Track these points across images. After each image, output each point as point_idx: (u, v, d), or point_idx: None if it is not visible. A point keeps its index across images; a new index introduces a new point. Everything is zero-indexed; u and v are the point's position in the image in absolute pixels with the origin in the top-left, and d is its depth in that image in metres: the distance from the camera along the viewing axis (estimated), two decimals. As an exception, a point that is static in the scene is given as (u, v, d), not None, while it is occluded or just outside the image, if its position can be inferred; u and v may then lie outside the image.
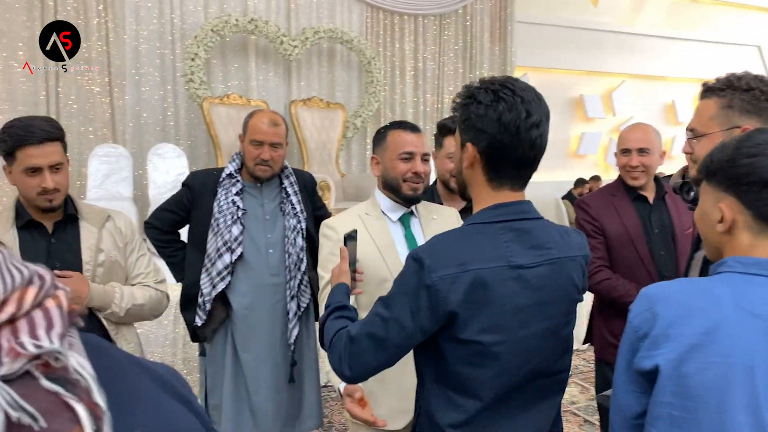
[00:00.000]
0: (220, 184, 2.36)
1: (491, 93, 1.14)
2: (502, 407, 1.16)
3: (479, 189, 1.21)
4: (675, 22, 9.54)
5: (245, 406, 2.39)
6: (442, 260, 1.11)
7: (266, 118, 2.35)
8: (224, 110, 5.74)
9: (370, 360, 1.17)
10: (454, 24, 7.24)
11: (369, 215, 1.84)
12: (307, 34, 6.15)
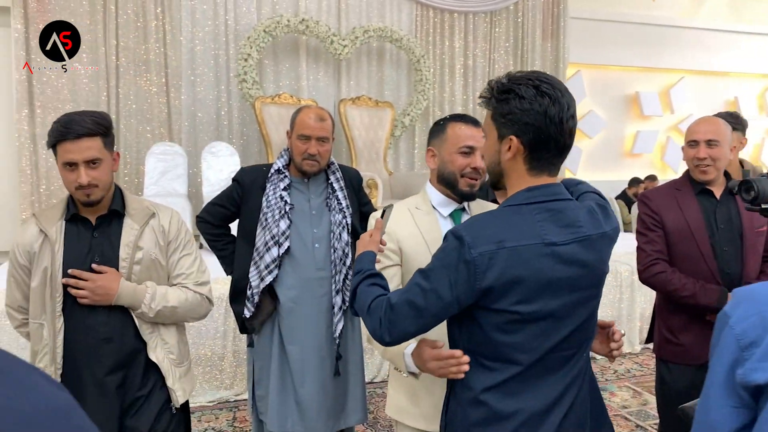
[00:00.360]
0: (268, 180, 2.41)
1: (532, 88, 1.25)
2: (533, 371, 1.25)
3: (518, 178, 1.31)
4: (738, 15, 9.14)
5: (291, 399, 2.43)
6: (481, 238, 1.21)
7: (313, 113, 2.39)
8: (275, 109, 5.84)
9: (409, 326, 1.26)
10: (505, 21, 7.16)
11: (419, 209, 1.78)
12: (356, 33, 6.19)
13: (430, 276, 1.25)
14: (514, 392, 1.25)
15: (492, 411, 1.25)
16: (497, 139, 1.31)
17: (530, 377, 1.26)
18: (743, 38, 9.27)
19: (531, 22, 7.21)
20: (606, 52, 8.26)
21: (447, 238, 1.26)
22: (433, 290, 1.23)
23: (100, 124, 1.74)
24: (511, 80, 1.28)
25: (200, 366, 3.65)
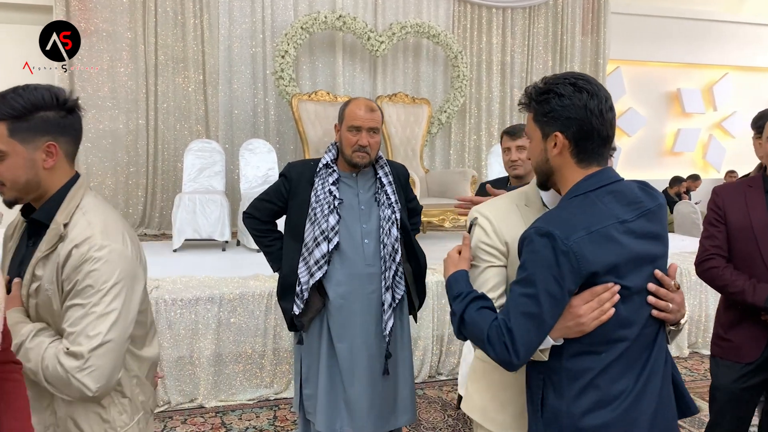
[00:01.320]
0: (317, 174, 2.36)
1: (570, 85, 1.34)
2: (633, 349, 1.32)
3: (570, 172, 1.38)
4: (785, 9, 8.83)
5: (340, 398, 2.38)
6: (567, 228, 1.26)
7: (363, 104, 2.34)
8: (312, 106, 5.81)
9: (533, 339, 1.27)
10: (544, 16, 7.02)
11: (528, 207, 1.56)
12: (393, 29, 6.13)
13: (533, 281, 1.26)
14: (620, 372, 1.30)
15: (602, 394, 1.30)
16: (542, 139, 1.40)
17: (630, 356, 1.32)
18: (790, 33, 8.97)
19: (570, 18, 7.06)
20: (646, 48, 8.06)
21: (530, 241, 1.28)
22: (542, 292, 1.25)
23: (12, 107, 1.30)
24: (548, 82, 1.38)
25: (241, 363, 3.62)
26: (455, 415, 3.51)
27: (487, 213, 1.57)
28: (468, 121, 6.80)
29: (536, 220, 1.34)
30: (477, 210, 1.62)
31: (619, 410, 1.30)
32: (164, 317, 3.45)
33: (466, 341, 1.73)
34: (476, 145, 6.85)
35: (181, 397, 3.52)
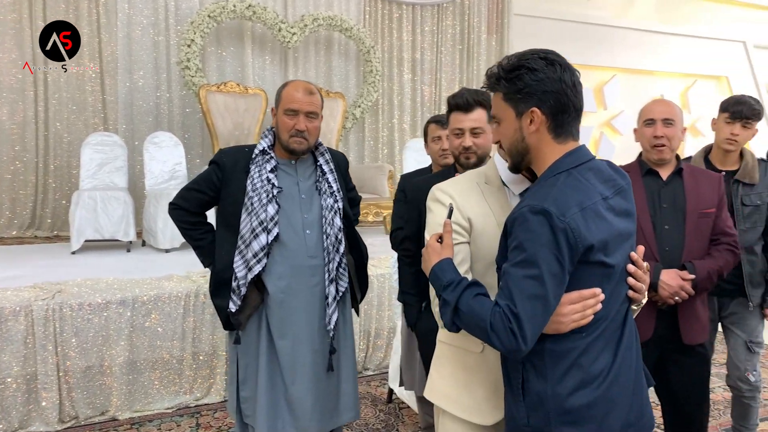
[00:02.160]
0: (252, 161, 2.22)
1: (541, 60, 1.33)
2: (611, 327, 1.34)
3: (547, 148, 1.35)
4: (664, 17, 9.58)
5: (281, 398, 2.25)
6: (562, 204, 1.24)
7: (301, 86, 2.22)
8: (221, 98, 5.55)
9: (541, 321, 1.24)
10: (452, 15, 7.15)
11: (488, 184, 1.58)
12: (306, 21, 5.99)
13: (534, 261, 1.22)
14: (599, 350, 1.31)
15: (585, 373, 1.30)
16: (516, 118, 1.36)
17: (608, 333, 1.34)
18: (668, 39, 9.71)
19: (476, 17, 7.24)
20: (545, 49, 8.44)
21: (524, 219, 1.24)
22: (546, 273, 1.22)
23: None
24: (517, 58, 1.35)
25: (157, 370, 3.37)
26: (386, 410, 3.46)
27: (449, 191, 1.58)
28: (381, 116, 6.79)
29: (525, 197, 1.30)
30: (438, 188, 1.60)
31: (602, 388, 1.30)
32: (70, 324, 3.14)
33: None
34: (389, 140, 6.86)
35: (90, 411, 3.21)
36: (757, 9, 10.22)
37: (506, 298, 1.24)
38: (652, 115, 2.30)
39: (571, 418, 1.29)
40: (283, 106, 2.20)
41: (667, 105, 2.33)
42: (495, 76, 1.38)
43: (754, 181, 2.64)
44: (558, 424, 1.29)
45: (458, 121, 2.07)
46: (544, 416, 1.30)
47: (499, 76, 1.37)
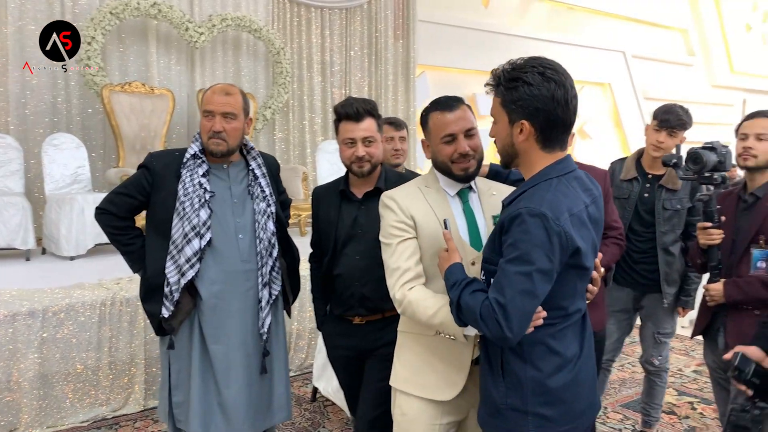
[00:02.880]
0: (184, 165, 2.21)
1: (538, 75, 1.40)
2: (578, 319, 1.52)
3: (535, 156, 1.47)
4: (554, 26, 10.23)
5: (214, 402, 2.26)
6: (556, 209, 1.36)
7: (219, 87, 2.26)
8: (126, 99, 5.35)
9: (527, 314, 1.37)
10: (360, 18, 7.27)
11: (428, 188, 1.80)
12: (213, 21, 5.89)
13: (528, 259, 1.34)
14: (571, 339, 1.49)
15: (561, 359, 1.47)
16: (509, 124, 1.45)
17: (577, 324, 1.52)
18: (557, 47, 10.38)
19: (383, 22, 7.40)
20: (448, 55, 8.75)
21: (521, 220, 1.35)
22: (536, 271, 1.34)
23: None
24: (516, 68, 1.44)
25: (71, 382, 3.23)
26: (311, 408, 3.52)
27: (394, 195, 1.80)
28: (291, 117, 6.79)
29: (522, 200, 1.42)
30: (386, 195, 1.82)
31: (574, 372, 1.48)
32: (-27, 339, 2.95)
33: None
34: (300, 142, 6.87)
35: (-3, 430, 3.03)
36: (635, 22, 11.18)
37: (496, 292, 1.37)
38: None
39: (547, 399, 1.44)
40: (201, 108, 2.25)
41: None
42: (496, 80, 1.47)
43: (677, 187, 2.89)
44: (534, 405, 1.44)
45: (350, 131, 2.09)
46: (522, 396, 1.46)
47: (499, 82, 1.46)
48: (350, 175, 2.18)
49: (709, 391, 3.94)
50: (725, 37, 12.53)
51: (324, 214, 2.21)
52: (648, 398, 3.19)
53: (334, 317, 2.24)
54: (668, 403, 3.74)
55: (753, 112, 2.46)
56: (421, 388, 1.75)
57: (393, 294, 1.71)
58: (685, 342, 5.06)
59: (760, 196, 2.34)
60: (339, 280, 2.17)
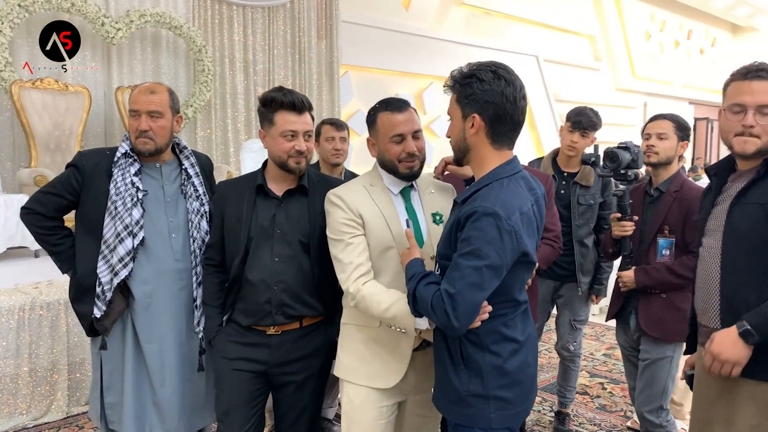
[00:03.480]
0: (115, 164, 2.20)
1: (491, 72, 1.53)
2: (525, 308, 1.68)
3: (485, 151, 1.58)
4: (472, 30, 10.60)
5: (148, 401, 2.26)
6: (508, 208, 1.46)
7: (145, 86, 2.27)
8: (38, 96, 5.11)
9: (475, 306, 1.47)
10: (283, 18, 7.25)
11: (373, 186, 1.88)
12: (132, 17, 5.72)
13: (480, 255, 1.42)
14: (522, 325, 1.63)
15: (515, 344, 1.60)
16: (462, 119, 1.56)
17: (524, 314, 1.67)
18: (475, 51, 10.74)
19: (306, 21, 7.42)
20: (371, 56, 8.89)
21: (476, 218, 1.44)
22: (486, 266, 1.43)
23: None
24: (472, 68, 1.56)
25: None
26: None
27: (340, 194, 1.86)
28: (213, 116, 6.69)
29: (477, 198, 1.51)
30: (332, 193, 1.88)
31: (524, 354, 1.62)
32: None
33: None
34: (223, 141, 6.78)
35: None
36: (547, 28, 11.75)
37: (447, 283, 1.46)
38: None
39: (505, 382, 1.56)
40: (129, 108, 2.24)
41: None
42: (453, 79, 1.59)
43: (590, 183, 3.13)
44: (494, 389, 1.56)
45: (292, 122, 1.97)
46: (483, 382, 1.56)
47: (455, 81, 1.58)
48: (270, 170, 2.07)
49: (617, 372, 4.27)
50: (628, 45, 13.41)
51: (232, 212, 2.06)
52: (563, 381, 3.43)
53: (239, 328, 2.07)
54: (581, 385, 4.02)
55: (654, 115, 2.72)
56: (366, 377, 1.85)
57: (346, 287, 1.79)
58: (596, 328, 5.43)
59: (664, 190, 2.58)
60: (249, 285, 2.02)
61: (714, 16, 15.27)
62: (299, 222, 2.04)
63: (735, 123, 1.74)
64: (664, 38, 14.41)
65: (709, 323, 1.83)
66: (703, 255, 1.88)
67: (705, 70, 15.24)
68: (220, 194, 2.18)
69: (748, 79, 1.73)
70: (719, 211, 1.84)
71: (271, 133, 2.02)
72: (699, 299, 1.89)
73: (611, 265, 3.27)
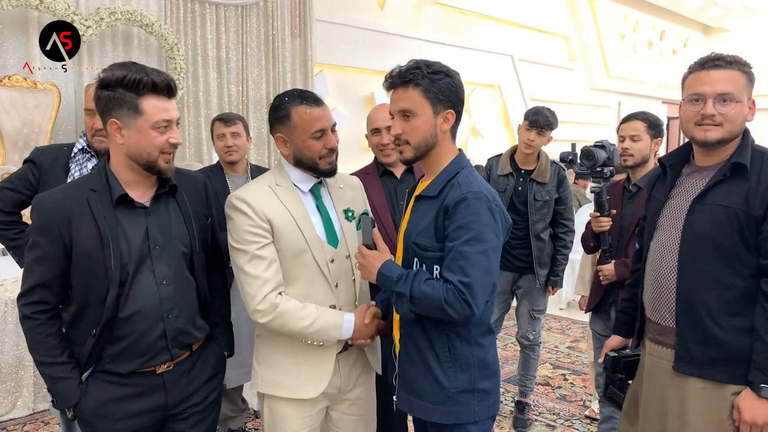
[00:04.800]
0: (72, 160, 2.24)
1: (451, 70, 1.61)
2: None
3: (446, 145, 1.65)
4: (447, 30, 10.68)
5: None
6: (490, 191, 1.55)
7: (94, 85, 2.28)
8: (6, 93, 5.10)
9: (488, 290, 1.50)
10: (256, 16, 7.27)
11: (280, 186, 1.77)
12: (102, 14, 5.71)
13: (482, 239, 1.46)
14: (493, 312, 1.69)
15: (491, 331, 1.66)
16: (433, 115, 1.58)
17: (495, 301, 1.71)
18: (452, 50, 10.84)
19: (280, 20, 7.45)
20: (346, 55, 8.93)
21: (468, 203, 1.48)
22: (491, 248, 1.47)
23: None
24: (431, 64, 1.59)
25: (-50, 388, 3.10)
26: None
27: (245, 197, 1.71)
28: (186, 114, 6.69)
29: (455, 186, 1.54)
30: (235, 196, 1.73)
31: (495, 343, 1.66)
32: None
33: None
34: (196, 139, 6.79)
35: None
36: (522, 28, 11.88)
37: (458, 274, 1.45)
38: (377, 124, 2.55)
39: (486, 374, 1.59)
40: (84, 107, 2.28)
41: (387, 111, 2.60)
42: (417, 72, 1.54)
43: (546, 180, 3.23)
44: (478, 381, 1.58)
45: (163, 110, 1.66)
46: (470, 376, 1.58)
47: (423, 74, 1.55)
48: (122, 173, 1.67)
49: (580, 364, 4.38)
50: (602, 45, 13.61)
51: (85, 234, 1.58)
52: (524, 370, 3.52)
53: (116, 378, 1.66)
54: (544, 376, 4.13)
55: (627, 116, 2.78)
56: (290, 389, 1.75)
57: (255, 304, 1.66)
58: (562, 321, 5.55)
59: (641, 186, 2.66)
60: (130, 322, 1.62)
61: (686, 17, 15.55)
62: (176, 231, 1.71)
63: (694, 113, 1.73)
64: (638, 39, 14.64)
65: (660, 320, 1.83)
66: (654, 250, 1.85)
67: (678, 70, 15.46)
68: (53, 212, 1.59)
69: (706, 68, 1.71)
70: (675, 207, 1.81)
71: (136, 125, 1.60)
72: (649, 295, 1.88)
73: (566, 258, 3.37)
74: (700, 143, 1.75)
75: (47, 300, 1.63)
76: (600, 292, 2.79)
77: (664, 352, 1.81)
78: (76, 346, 1.65)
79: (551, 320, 5.40)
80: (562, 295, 5.87)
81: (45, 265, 1.60)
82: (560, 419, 3.54)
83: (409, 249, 1.64)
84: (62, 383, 1.62)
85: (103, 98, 1.60)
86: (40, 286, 1.61)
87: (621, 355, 2.02)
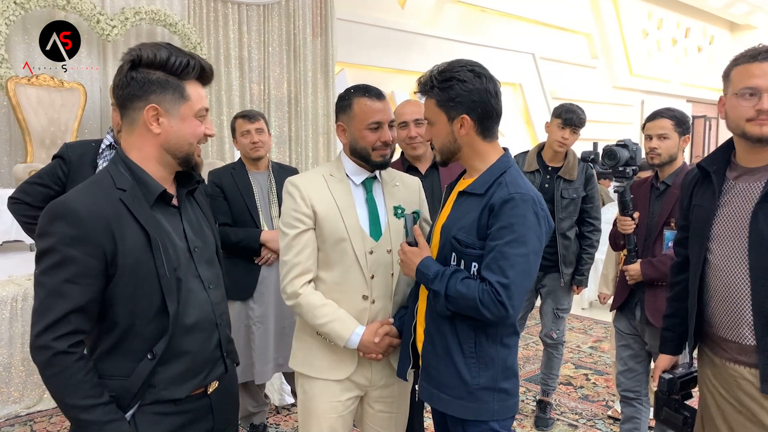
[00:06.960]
0: (100, 155, 2.27)
1: (469, 72, 1.56)
2: None
3: (478, 146, 1.63)
4: (467, 28, 10.64)
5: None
6: (536, 195, 1.54)
7: None
8: (34, 92, 5.18)
9: (525, 292, 1.50)
10: (278, 15, 7.32)
11: (333, 176, 1.86)
12: (127, 14, 5.79)
13: (525, 241, 1.46)
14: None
15: (517, 333, 1.66)
16: (447, 122, 1.58)
17: None
18: (471, 48, 10.80)
19: (301, 19, 7.48)
20: (367, 53, 8.95)
21: (515, 204, 1.47)
22: (533, 252, 1.47)
23: None
24: (446, 71, 1.57)
25: (-19, 380, 3.16)
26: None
27: (297, 183, 1.83)
28: (210, 112, 6.76)
29: (503, 185, 1.54)
30: (290, 181, 1.85)
31: (518, 344, 1.65)
32: None
33: None
34: (219, 137, 6.85)
35: None
36: (543, 26, 11.79)
37: (498, 274, 1.45)
38: (404, 117, 2.57)
39: (508, 374, 1.60)
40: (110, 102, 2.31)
41: (417, 105, 2.55)
42: (429, 84, 1.59)
43: (573, 177, 3.20)
44: (500, 381, 1.58)
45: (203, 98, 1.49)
46: (493, 375, 1.58)
47: (433, 85, 1.58)
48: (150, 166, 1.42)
49: (602, 364, 4.33)
50: (625, 43, 13.45)
51: (129, 240, 1.33)
52: (546, 369, 3.50)
53: (171, 407, 1.40)
54: (566, 376, 4.09)
55: (652, 113, 2.71)
56: (319, 369, 1.85)
57: (282, 286, 1.78)
58: (585, 321, 5.50)
59: (670, 184, 2.61)
60: (191, 336, 1.41)
61: (711, 14, 15.30)
62: (205, 230, 1.55)
63: (747, 108, 1.59)
64: (662, 36, 14.45)
65: (736, 338, 1.67)
66: (715, 263, 1.70)
67: (702, 68, 15.28)
68: (92, 219, 1.29)
69: (759, 60, 1.59)
70: (731, 215, 1.67)
71: (179, 111, 1.40)
72: (719, 312, 1.71)
73: (592, 257, 3.34)
74: (755, 139, 1.61)
75: (83, 329, 1.31)
76: (626, 291, 2.75)
77: (748, 372, 1.64)
78: (114, 380, 1.34)
79: (573, 320, 5.36)
80: (585, 295, 5.79)
81: (83, 283, 1.28)
82: (582, 419, 3.51)
83: (447, 243, 1.63)
84: (112, 427, 1.29)
85: (140, 80, 1.38)
86: (76, 312, 1.28)
87: (676, 375, 1.88)
